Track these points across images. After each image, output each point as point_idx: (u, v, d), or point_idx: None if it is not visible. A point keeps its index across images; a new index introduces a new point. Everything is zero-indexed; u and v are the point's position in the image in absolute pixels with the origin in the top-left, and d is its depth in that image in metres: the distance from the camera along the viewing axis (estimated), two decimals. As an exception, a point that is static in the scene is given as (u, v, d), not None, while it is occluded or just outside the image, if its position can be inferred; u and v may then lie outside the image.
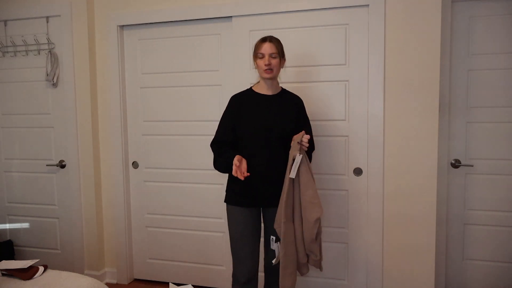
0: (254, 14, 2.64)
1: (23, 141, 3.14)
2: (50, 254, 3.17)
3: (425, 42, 2.39)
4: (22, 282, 1.96)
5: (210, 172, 2.82)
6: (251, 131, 2.09)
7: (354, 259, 2.62)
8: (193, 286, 2.78)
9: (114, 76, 2.95)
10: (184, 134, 2.90)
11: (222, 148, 2.13)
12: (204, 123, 2.85)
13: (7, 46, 3.09)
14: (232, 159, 1.99)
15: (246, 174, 1.94)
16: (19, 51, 3.07)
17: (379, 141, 2.49)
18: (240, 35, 2.68)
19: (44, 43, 3.00)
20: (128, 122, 3.03)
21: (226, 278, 2.88)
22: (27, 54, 3.06)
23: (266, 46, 2.05)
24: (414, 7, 2.39)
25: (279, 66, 2.09)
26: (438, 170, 2.48)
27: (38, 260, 2.25)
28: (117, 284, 3.08)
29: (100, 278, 3.03)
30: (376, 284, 2.57)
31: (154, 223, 3.03)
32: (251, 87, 2.20)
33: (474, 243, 2.61)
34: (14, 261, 2.15)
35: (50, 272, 2.08)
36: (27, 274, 2.00)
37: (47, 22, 2.99)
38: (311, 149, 2.19)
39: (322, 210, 1.96)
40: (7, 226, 3.25)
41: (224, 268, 2.90)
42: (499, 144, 2.53)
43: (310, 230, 1.96)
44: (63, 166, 3.05)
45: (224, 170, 2.11)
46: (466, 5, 2.51)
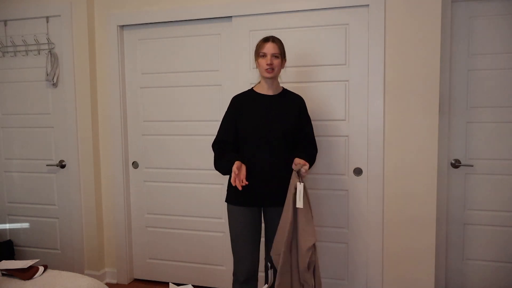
0: (254, 14, 2.64)
1: (23, 141, 3.14)
2: (50, 254, 3.17)
3: (425, 42, 2.39)
4: (22, 282, 1.96)
5: (210, 172, 2.82)
6: (252, 131, 2.09)
7: (354, 259, 2.62)
8: (193, 286, 2.77)
9: (114, 76, 2.95)
10: (184, 134, 2.90)
11: (223, 148, 2.13)
12: (204, 123, 2.85)
13: (7, 46, 3.09)
14: (233, 163, 1.98)
15: (244, 183, 1.94)
16: (19, 51, 3.07)
17: (379, 141, 2.49)
18: (240, 35, 2.68)
19: (44, 43, 3.00)
20: (128, 122, 3.03)
21: (226, 278, 2.88)
22: (27, 54, 3.06)
23: (269, 46, 2.06)
24: (414, 7, 2.39)
25: (280, 66, 2.10)
26: (438, 170, 2.48)
27: (38, 260, 2.25)
28: (117, 284, 3.08)
29: (100, 278, 3.03)
30: (376, 284, 2.57)
31: (154, 223, 3.03)
32: (252, 88, 2.21)
33: (474, 243, 2.61)
34: (14, 261, 2.15)
35: (50, 272, 2.08)
36: (27, 274, 2.00)
37: (47, 22, 2.99)
38: (310, 166, 2.16)
39: (315, 238, 1.93)
40: (7, 226, 3.25)
41: (224, 268, 2.90)
42: (499, 144, 2.53)
43: (302, 259, 1.93)
44: (63, 166, 3.05)
45: (225, 172, 2.11)
46: (466, 5, 2.51)
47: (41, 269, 2.06)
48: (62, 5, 2.91)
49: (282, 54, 2.09)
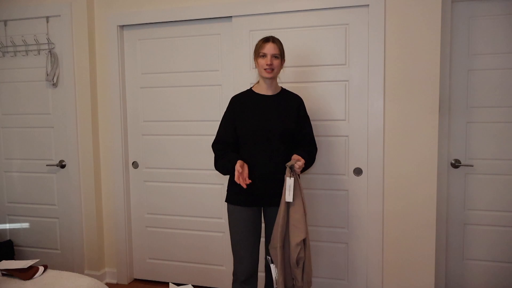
0: (254, 14, 2.64)
1: (23, 141, 3.14)
2: (50, 254, 3.17)
3: (425, 42, 2.39)
4: (22, 282, 1.96)
5: (210, 172, 2.82)
6: (252, 131, 2.09)
7: (354, 259, 2.62)
8: (193, 286, 2.78)
9: (114, 76, 2.95)
10: (184, 134, 2.90)
11: (223, 149, 2.13)
12: (204, 123, 2.85)
13: (7, 46, 3.09)
14: (234, 163, 2.00)
15: (248, 181, 1.96)
16: (19, 51, 3.07)
17: (379, 141, 2.49)
18: (240, 35, 2.68)
19: (44, 43, 3.00)
20: (128, 122, 3.03)
21: (226, 278, 2.88)
22: (27, 54, 3.06)
23: (269, 46, 2.06)
24: (414, 7, 2.39)
25: (280, 67, 2.11)
26: (438, 170, 2.48)
27: (38, 260, 2.25)
28: (117, 284, 3.08)
29: (100, 278, 3.03)
30: (376, 284, 2.57)
31: (154, 223, 3.03)
32: (251, 88, 2.21)
33: (474, 243, 2.61)
34: (14, 261, 2.15)
35: (50, 272, 2.08)
36: (27, 274, 2.00)
37: (47, 22, 2.99)
38: (310, 164, 2.17)
39: (304, 235, 1.95)
40: (7, 226, 3.25)
41: (224, 268, 2.90)
42: (499, 144, 2.53)
43: (292, 254, 1.96)
44: (63, 166, 3.05)
45: (225, 173, 2.12)
46: (466, 5, 2.51)
47: (41, 269, 2.06)
48: (62, 5, 2.91)
49: (281, 55, 2.10)
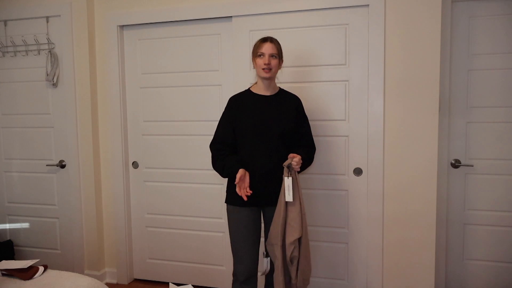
0: (254, 14, 2.64)
1: (23, 141, 3.14)
2: (50, 254, 3.17)
3: (425, 42, 2.39)
4: (22, 282, 1.96)
5: (210, 172, 2.82)
6: (250, 132, 2.09)
7: (354, 259, 2.62)
8: (193, 286, 2.77)
9: (114, 76, 2.95)
10: (184, 134, 2.90)
11: (221, 149, 2.13)
12: (204, 123, 2.85)
13: (7, 46, 3.08)
14: (234, 169, 2.02)
15: (248, 193, 1.99)
16: (19, 51, 3.07)
17: (379, 141, 2.49)
18: (240, 35, 2.68)
19: (44, 43, 3.00)
20: (128, 122, 3.03)
21: (226, 278, 2.88)
22: (27, 54, 3.06)
23: (267, 46, 2.07)
24: (414, 7, 2.39)
25: (278, 67, 2.11)
26: (438, 170, 2.48)
27: (38, 260, 2.25)
28: (117, 284, 3.08)
29: (100, 278, 3.03)
30: (376, 284, 2.57)
31: (154, 223, 3.03)
32: (249, 88, 2.21)
33: (474, 243, 2.61)
34: (14, 261, 2.15)
35: (50, 272, 2.08)
36: (27, 274, 2.00)
37: (47, 22, 2.99)
38: (309, 163, 2.18)
39: (299, 234, 1.97)
40: (7, 226, 3.25)
41: (224, 268, 2.90)
42: (499, 144, 2.53)
43: (287, 252, 1.99)
44: (63, 166, 3.05)
45: (224, 176, 2.13)
46: (466, 5, 2.51)
47: (41, 269, 2.06)
48: (62, 5, 2.91)
49: (279, 55, 2.10)
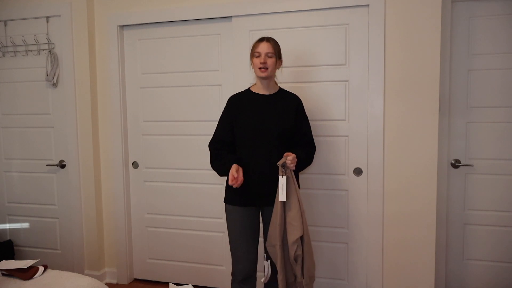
0: (254, 14, 2.64)
1: (23, 141, 3.14)
2: (50, 254, 3.17)
3: (425, 42, 2.39)
4: (22, 282, 1.96)
5: (210, 172, 2.82)
6: (249, 131, 2.09)
7: (354, 259, 2.62)
8: (193, 286, 2.77)
9: (114, 76, 2.95)
10: (184, 134, 2.90)
11: (220, 148, 2.14)
12: (204, 123, 2.85)
13: (7, 46, 3.09)
14: (229, 166, 2.02)
15: (240, 182, 1.97)
16: (19, 51, 3.07)
17: (379, 141, 2.49)
18: (240, 35, 2.68)
19: (44, 43, 3.00)
20: (128, 122, 3.03)
21: (226, 278, 2.88)
22: (27, 54, 3.06)
23: (263, 45, 2.07)
24: (414, 7, 2.39)
25: (275, 66, 2.11)
26: (438, 170, 2.48)
27: (38, 260, 2.25)
28: (117, 284, 3.08)
29: (100, 278, 3.03)
30: (376, 284, 2.57)
31: (154, 223, 3.03)
32: (249, 88, 2.22)
33: (474, 243, 2.61)
34: (14, 261, 2.15)
35: (50, 272, 2.08)
36: (27, 274, 2.00)
37: (47, 22, 2.99)
38: (308, 163, 2.18)
39: (300, 232, 1.97)
40: (7, 226, 3.25)
41: (224, 268, 2.90)
42: (499, 144, 2.53)
43: (290, 252, 1.99)
44: (63, 166, 3.05)
45: (221, 174, 2.13)
46: (466, 5, 2.51)
47: (41, 269, 2.06)
48: (62, 5, 2.91)
49: (276, 54, 2.10)
